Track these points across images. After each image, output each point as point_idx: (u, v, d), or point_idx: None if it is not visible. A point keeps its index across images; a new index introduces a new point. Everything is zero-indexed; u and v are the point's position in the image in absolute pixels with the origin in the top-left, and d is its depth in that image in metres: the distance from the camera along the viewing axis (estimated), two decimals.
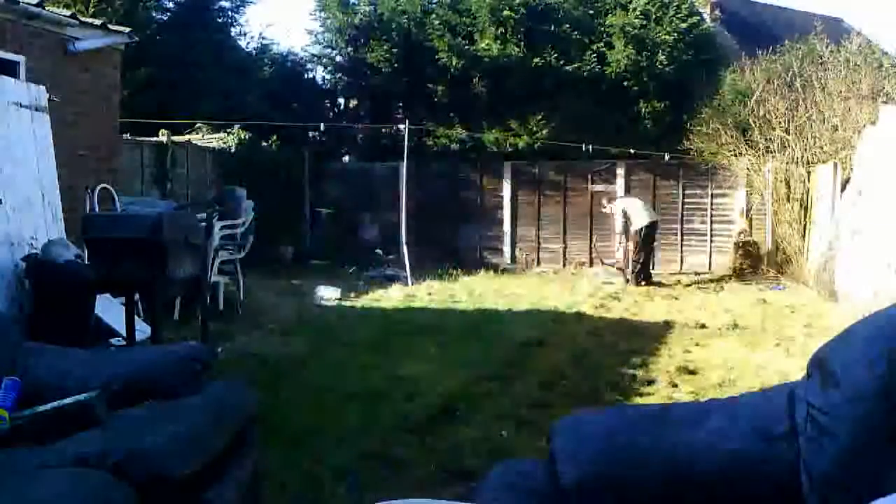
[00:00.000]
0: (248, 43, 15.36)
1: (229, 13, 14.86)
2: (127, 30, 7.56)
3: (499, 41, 12.59)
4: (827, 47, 11.11)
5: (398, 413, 4.27)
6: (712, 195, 12.10)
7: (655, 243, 11.05)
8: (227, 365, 5.25)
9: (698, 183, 12.17)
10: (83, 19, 7.13)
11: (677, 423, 1.81)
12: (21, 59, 6.26)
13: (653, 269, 11.20)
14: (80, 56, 6.91)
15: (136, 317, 6.55)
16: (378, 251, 12.30)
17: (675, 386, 4.95)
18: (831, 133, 10.19)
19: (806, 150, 10.54)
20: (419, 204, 12.25)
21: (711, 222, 12.13)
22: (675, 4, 12.66)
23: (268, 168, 11.93)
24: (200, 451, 2.10)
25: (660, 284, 10.61)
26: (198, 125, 11.87)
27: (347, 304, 8.72)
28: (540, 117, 12.43)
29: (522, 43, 12.56)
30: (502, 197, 12.95)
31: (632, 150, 11.84)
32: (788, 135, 10.68)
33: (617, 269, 11.19)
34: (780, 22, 16.62)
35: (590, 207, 12.64)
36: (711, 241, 12.11)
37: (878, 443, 1.45)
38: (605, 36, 12.74)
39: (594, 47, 12.60)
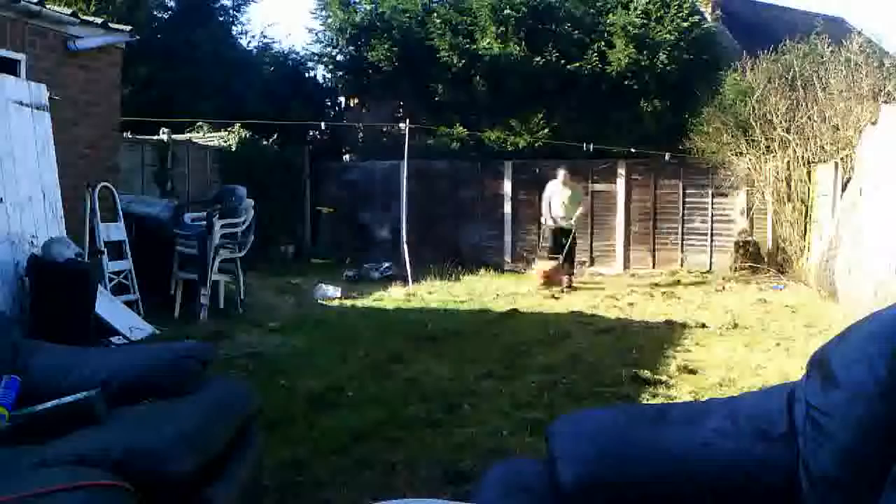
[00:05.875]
0: (250, 42, 15.41)
1: (230, 12, 14.89)
2: (128, 28, 7.56)
3: (500, 40, 12.59)
4: (828, 47, 11.09)
5: (397, 412, 4.27)
6: (713, 194, 12.09)
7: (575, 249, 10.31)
8: (228, 363, 5.25)
9: (699, 182, 12.16)
10: (84, 18, 7.12)
11: (676, 423, 1.82)
12: (22, 57, 6.26)
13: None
14: (80, 54, 6.91)
15: (136, 316, 6.59)
16: (379, 250, 12.30)
17: (675, 386, 4.95)
18: (832, 132, 10.18)
19: (807, 149, 10.53)
20: (420, 203, 12.25)
21: (712, 222, 12.12)
22: (676, 4, 12.64)
23: (268, 167, 11.93)
24: (200, 450, 2.10)
25: (574, 288, 9.92)
26: (199, 124, 11.87)
27: (348, 303, 8.72)
28: (541, 116, 12.43)
29: (523, 42, 12.55)
30: (503, 196, 12.95)
31: (633, 150, 11.83)
32: (789, 134, 10.67)
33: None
34: (781, 21, 16.60)
35: (590, 207, 12.63)
36: (712, 241, 12.10)
37: (878, 443, 1.45)
38: (605, 35, 12.73)
39: (595, 46, 12.58)
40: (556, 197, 10.31)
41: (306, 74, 15.09)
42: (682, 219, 12.26)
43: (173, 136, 10.56)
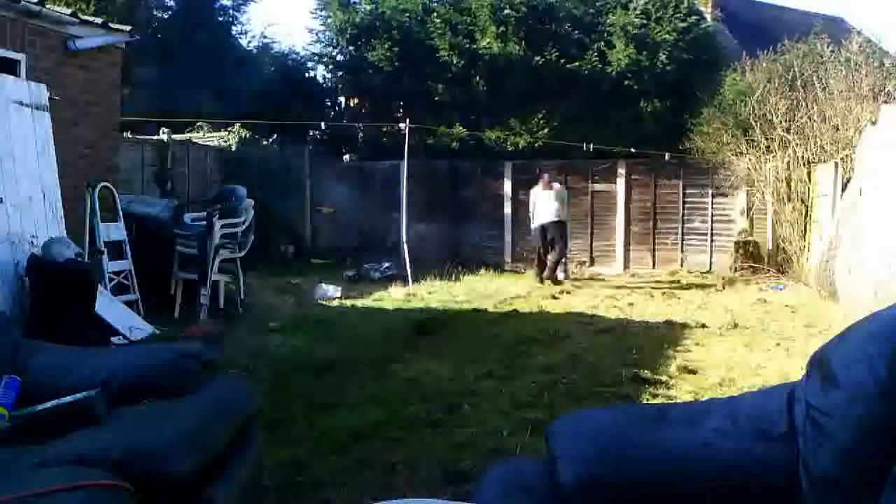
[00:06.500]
0: (250, 42, 15.43)
1: (230, 12, 14.90)
2: (128, 28, 7.55)
3: (499, 40, 12.59)
4: (828, 47, 11.09)
5: (397, 412, 4.27)
6: (713, 195, 12.09)
7: (567, 243, 10.84)
8: (228, 363, 5.25)
9: (699, 182, 12.17)
10: (84, 17, 7.12)
11: (676, 423, 1.81)
12: (22, 57, 6.26)
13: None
14: (80, 54, 6.91)
15: (136, 316, 6.58)
16: (379, 250, 12.30)
17: (675, 386, 4.95)
18: (832, 132, 10.18)
19: (807, 149, 10.54)
20: (420, 203, 12.25)
21: (712, 222, 12.13)
22: (675, 4, 12.65)
23: (269, 167, 11.93)
24: (200, 450, 2.10)
25: (559, 284, 10.32)
26: (199, 124, 11.88)
27: (348, 302, 8.72)
28: (541, 116, 12.43)
29: (523, 42, 12.56)
30: (503, 196, 12.95)
31: (632, 150, 11.83)
32: (789, 134, 10.68)
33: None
34: (781, 22, 16.59)
35: (590, 207, 12.65)
36: (712, 241, 12.11)
37: (878, 443, 1.45)
38: (605, 35, 12.73)
39: (595, 46, 12.59)
40: (542, 201, 10.64)
41: (306, 74, 15.09)
42: (682, 219, 12.26)
43: (173, 136, 10.56)
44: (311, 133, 14.29)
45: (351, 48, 13.79)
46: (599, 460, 1.66)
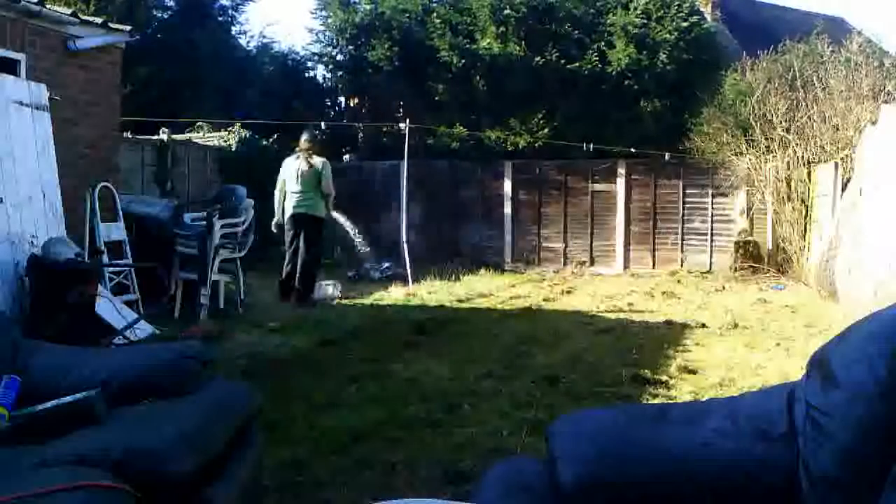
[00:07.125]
0: (249, 41, 15.43)
1: (230, 12, 14.90)
2: (128, 28, 7.56)
3: (500, 40, 12.59)
4: (828, 47, 11.10)
5: (397, 412, 4.27)
6: (713, 195, 12.10)
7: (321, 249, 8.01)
8: (228, 363, 5.25)
9: (699, 182, 12.17)
10: (84, 17, 7.12)
11: (676, 423, 1.81)
12: (22, 57, 6.26)
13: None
14: (80, 54, 6.91)
15: (136, 316, 6.58)
16: (379, 250, 12.30)
17: (675, 386, 4.95)
18: (832, 132, 10.18)
19: (807, 149, 10.54)
20: (420, 203, 12.26)
21: (712, 222, 12.13)
22: (675, 4, 12.66)
23: (268, 167, 11.90)
24: (200, 450, 2.10)
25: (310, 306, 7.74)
26: (198, 123, 11.87)
27: (348, 302, 8.72)
28: (541, 116, 12.43)
29: (523, 42, 12.56)
30: (503, 196, 12.95)
31: (633, 150, 11.84)
32: (789, 134, 10.68)
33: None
34: (781, 21, 16.59)
35: (590, 207, 12.65)
36: (712, 241, 12.11)
37: (878, 443, 1.45)
38: (606, 35, 12.74)
39: (595, 46, 12.60)
40: (291, 177, 7.78)
41: (306, 74, 15.09)
42: (682, 219, 12.27)
43: (173, 136, 10.56)
44: None
45: (351, 48, 13.79)
46: (599, 460, 1.66)
